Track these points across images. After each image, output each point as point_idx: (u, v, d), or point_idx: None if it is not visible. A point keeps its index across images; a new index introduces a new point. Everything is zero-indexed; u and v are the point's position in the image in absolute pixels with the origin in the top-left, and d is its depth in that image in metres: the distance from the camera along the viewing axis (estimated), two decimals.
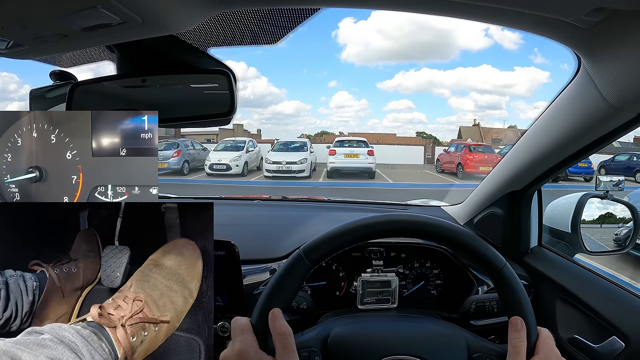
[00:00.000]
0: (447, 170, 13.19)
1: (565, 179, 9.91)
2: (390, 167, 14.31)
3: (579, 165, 10.10)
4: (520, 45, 46.89)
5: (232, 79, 0.59)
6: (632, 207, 0.94)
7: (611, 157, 12.62)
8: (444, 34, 54.59)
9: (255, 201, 1.29)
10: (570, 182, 9.58)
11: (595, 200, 0.95)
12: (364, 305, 0.85)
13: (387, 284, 0.86)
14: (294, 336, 0.45)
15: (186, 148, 12.03)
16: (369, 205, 1.29)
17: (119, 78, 0.63)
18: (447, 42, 56.12)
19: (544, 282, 0.87)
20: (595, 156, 11.60)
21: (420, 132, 33.53)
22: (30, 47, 0.49)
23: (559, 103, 0.67)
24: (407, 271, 0.94)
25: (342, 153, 11.47)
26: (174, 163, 11.11)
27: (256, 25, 0.60)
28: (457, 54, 58.45)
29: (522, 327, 0.47)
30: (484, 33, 49.29)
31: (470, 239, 0.50)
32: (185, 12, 0.45)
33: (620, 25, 0.43)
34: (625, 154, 12.51)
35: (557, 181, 9.17)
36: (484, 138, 22.22)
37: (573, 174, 10.38)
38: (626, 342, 0.69)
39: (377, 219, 0.51)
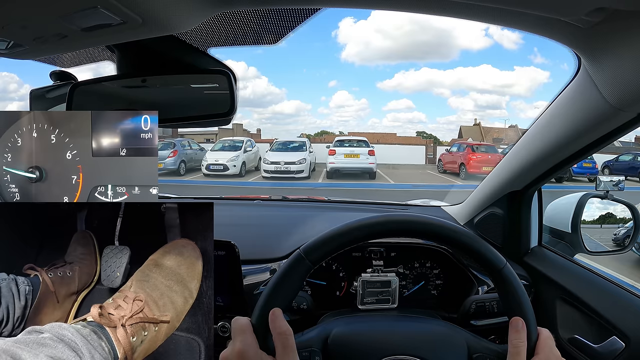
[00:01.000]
0: (449, 170, 12.92)
1: (569, 179, 9.81)
2: (392, 167, 14.05)
3: (584, 166, 10.03)
4: (520, 45, 46.86)
5: (232, 79, 0.59)
6: (632, 207, 0.94)
7: (615, 157, 12.49)
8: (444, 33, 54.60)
9: (255, 201, 1.29)
10: (575, 183, 9.45)
11: (595, 200, 0.95)
12: (364, 306, 0.85)
13: (387, 284, 0.86)
14: (294, 336, 0.45)
15: (183, 148, 11.84)
16: (369, 205, 1.29)
17: (119, 78, 0.63)
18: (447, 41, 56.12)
19: (544, 282, 0.87)
20: (599, 156, 11.50)
21: (421, 131, 33.52)
22: (30, 47, 0.49)
23: (559, 103, 0.67)
24: (407, 271, 0.94)
25: (342, 153, 11.15)
26: (170, 163, 10.91)
27: (256, 26, 0.60)
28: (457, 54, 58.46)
29: (523, 327, 0.47)
30: (484, 33, 49.28)
31: (471, 239, 0.50)
32: (185, 12, 0.45)
33: (620, 25, 0.43)
34: (629, 154, 12.38)
35: (560, 181, 9.10)
36: (484, 137, 22.05)
37: (577, 174, 10.24)
38: (626, 342, 0.69)
39: (378, 219, 0.52)
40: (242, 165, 11.12)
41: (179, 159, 11.29)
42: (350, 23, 56.73)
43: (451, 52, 57.14)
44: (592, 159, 10.47)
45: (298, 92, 56.62)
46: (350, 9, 0.47)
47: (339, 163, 11.03)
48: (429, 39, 54.96)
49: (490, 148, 12.79)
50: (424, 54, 56.60)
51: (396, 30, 50.89)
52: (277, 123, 52.52)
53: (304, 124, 48.29)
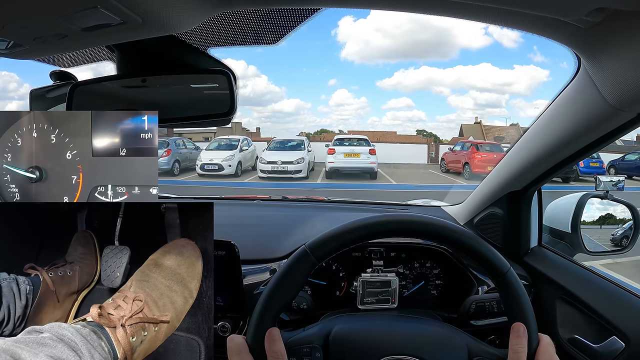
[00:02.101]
0: (452, 170, 12.52)
1: (576, 179, 9.62)
2: (393, 166, 13.63)
3: (591, 165, 9.89)
4: (520, 43, 46.90)
5: (232, 79, 0.59)
6: (632, 207, 0.94)
7: (621, 157, 12.32)
8: (444, 32, 54.57)
9: (255, 201, 1.29)
10: (581, 183, 9.23)
11: (595, 200, 0.95)
12: (364, 305, 0.85)
13: (387, 284, 0.86)
14: (296, 332, 0.45)
15: (177, 147, 11.47)
16: (369, 205, 1.29)
17: (119, 78, 0.63)
18: (447, 40, 56.08)
19: (544, 282, 0.87)
20: (604, 155, 11.26)
21: (421, 130, 33.46)
22: (30, 47, 0.49)
23: (559, 103, 0.67)
24: (407, 271, 0.94)
25: (341, 152, 10.60)
26: (164, 163, 10.53)
27: (256, 26, 0.60)
28: (456, 53, 58.43)
29: (524, 333, 0.47)
30: (483, 32, 49.26)
31: (477, 242, 0.51)
32: (185, 12, 0.45)
33: (620, 25, 0.43)
34: (635, 153, 12.19)
35: (567, 181, 8.96)
36: (486, 136, 21.87)
37: (584, 174, 9.96)
38: (626, 342, 0.69)
39: (383, 218, 0.52)
40: (237, 165, 10.66)
41: (172, 158, 10.96)
42: (349, 22, 56.67)
43: (451, 50, 57.13)
44: (600, 158, 10.34)
45: (298, 91, 56.58)
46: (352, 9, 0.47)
47: (339, 162, 10.54)
48: (429, 37, 54.93)
49: (495, 147, 12.28)
50: (423, 53, 56.55)
51: (396, 29, 50.90)
52: (277, 122, 52.49)
53: (304, 123, 48.21)
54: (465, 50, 55.49)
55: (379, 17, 52.26)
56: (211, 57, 0.63)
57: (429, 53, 57.51)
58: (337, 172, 10.52)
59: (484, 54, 52.37)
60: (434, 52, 57.18)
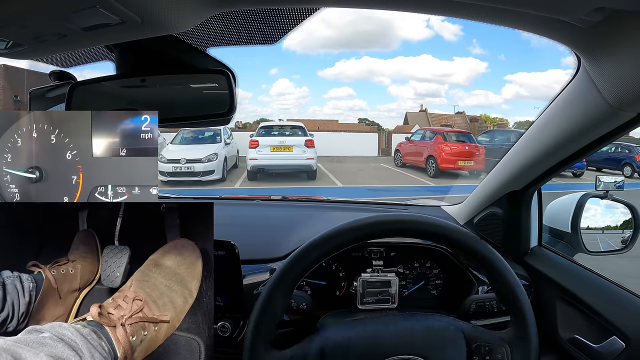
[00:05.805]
0: (410, 163, 10.06)
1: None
2: (336, 160, 10.85)
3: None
4: (460, 37, 46.81)
5: (232, 79, 0.59)
6: (632, 207, 0.94)
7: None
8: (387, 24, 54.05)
9: (255, 201, 1.29)
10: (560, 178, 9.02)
11: (595, 200, 0.95)
12: (364, 305, 0.85)
13: (387, 284, 0.86)
14: (291, 349, 0.45)
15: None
16: (369, 205, 1.29)
17: (119, 78, 0.63)
18: (389, 32, 55.56)
19: (544, 282, 0.87)
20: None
21: (363, 118, 32.99)
22: (29, 47, 0.49)
23: (559, 103, 0.67)
24: (407, 271, 0.94)
25: (267, 145, 7.64)
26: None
27: (256, 25, 0.60)
28: (398, 44, 57.82)
29: None
30: (425, 24, 48.92)
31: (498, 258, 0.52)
32: (185, 12, 0.45)
33: (620, 25, 0.43)
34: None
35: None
36: (431, 124, 20.99)
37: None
38: (626, 342, 0.69)
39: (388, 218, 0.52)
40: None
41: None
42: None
43: (393, 42, 56.67)
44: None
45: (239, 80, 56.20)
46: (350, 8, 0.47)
47: (264, 159, 7.57)
48: (372, 28, 54.59)
49: (467, 136, 9.65)
50: (366, 43, 56.18)
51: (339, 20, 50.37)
52: None
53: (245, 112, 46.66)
54: (406, 41, 55.11)
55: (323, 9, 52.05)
56: (211, 57, 0.63)
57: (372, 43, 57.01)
58: (262, 171, 7.75)
59: (424, 46, 52.09)
60: (377, 42, 56.72)
